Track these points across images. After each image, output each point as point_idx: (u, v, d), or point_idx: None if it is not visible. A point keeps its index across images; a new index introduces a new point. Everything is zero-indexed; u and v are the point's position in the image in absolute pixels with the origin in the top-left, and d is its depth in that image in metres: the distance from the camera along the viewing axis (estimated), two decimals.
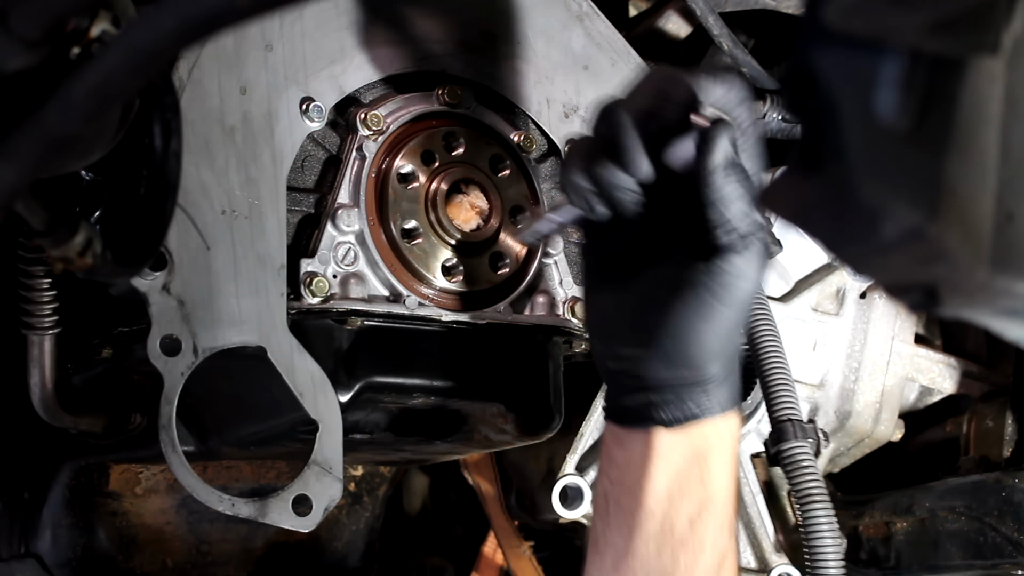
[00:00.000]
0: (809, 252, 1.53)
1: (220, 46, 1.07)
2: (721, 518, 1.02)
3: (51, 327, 1.16)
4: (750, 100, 0.97)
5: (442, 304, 1.20)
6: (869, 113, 0.59)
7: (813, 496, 1.17)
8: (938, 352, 1.67)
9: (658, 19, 1.58)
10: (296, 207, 1.16)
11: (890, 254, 0.62)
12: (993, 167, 0.59)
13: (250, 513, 1.07)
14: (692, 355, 0.98)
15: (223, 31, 0.64)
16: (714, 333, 0.98)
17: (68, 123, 0.68)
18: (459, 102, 1.23)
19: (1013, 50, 0.58)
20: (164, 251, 1.03)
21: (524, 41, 1.26)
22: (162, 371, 1.03)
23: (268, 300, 1.08)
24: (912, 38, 0.57)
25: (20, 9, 0.70)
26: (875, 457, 1.67)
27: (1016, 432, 1.56)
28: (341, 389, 1.12)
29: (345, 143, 1.18)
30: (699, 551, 1.01)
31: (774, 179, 0.75)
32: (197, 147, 1.05)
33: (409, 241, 1.18)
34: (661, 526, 1.02)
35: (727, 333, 0.99)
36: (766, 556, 1.50)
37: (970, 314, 0.65)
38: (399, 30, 1.20)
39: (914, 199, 0.59)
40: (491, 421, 1.28)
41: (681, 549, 1.01)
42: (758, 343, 1.24)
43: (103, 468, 1.56)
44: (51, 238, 0.81)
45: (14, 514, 1.55)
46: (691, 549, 1.01)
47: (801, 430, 1.20)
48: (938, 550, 1.48)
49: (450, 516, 2.17)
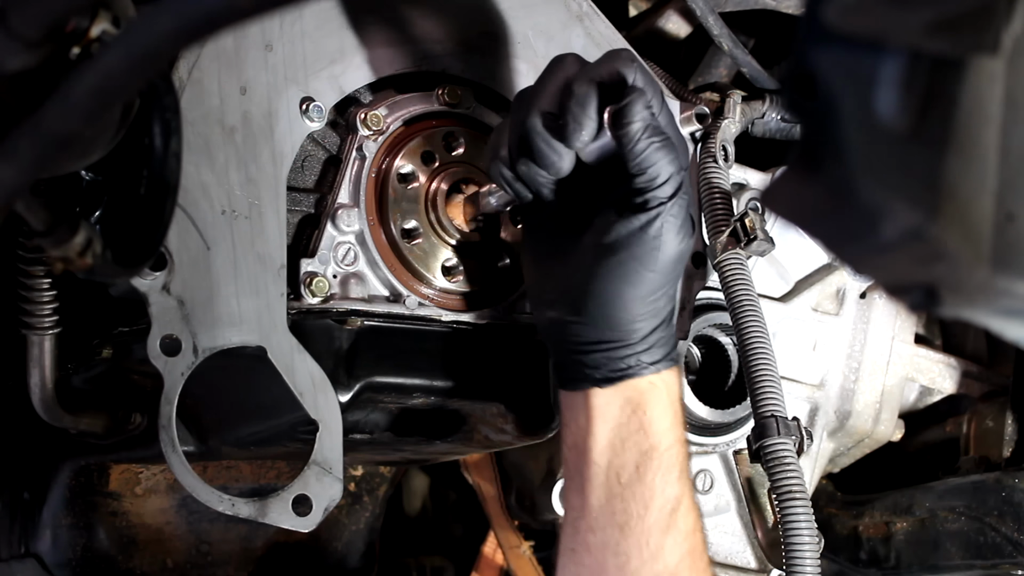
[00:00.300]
0: (809, 252, 1.53)
1: (220, 46, 1.07)
2: (668, 462, 1.07)
3: (51, 327, 1.16)
4: (646, 73, 1.04)
5: (442, 304, 1.20)
6: (869, 113, 0.59)
7: (792, 493, 1.17)
8: (938, 352, 1.67)
9: (658, 19, 1.58)
10: (296, 207, 1.16)
11: (890, 254, 0.62)
12: (993, 167, 0.59)
13: (250, 513, 1.07)
14: (617, 318, 1.05)
15: (223, 31, 0.64)
16: (638, 296, 1.05)
17: (68, 123, 0.68)
18: (459, 102, 1.23)
19: (1013, 50, 0.58)
20: (164, 251, 1.03)
21: (524, 41, 1.26)
22: (162, 371, 1.03)
23: (268, 300, 1.08)
24: (912, 38, 0.57)
25: (20, 9, 0.70)
26: (875, 457, 1.67)
27: (1016, 432, 1.56)
28: (341, 389, 1.12)
29: (345, 143, 1.18)
30: (649, 497, 1.05)
31: (774, 179, 0.75)
32: (197, 147, 1.05)
33: (409, 241, 1.18)
34: (607, 476, 1.07)
35: (651, 296, 1.05)
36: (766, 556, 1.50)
37: (970, 314, 0.65)
38: (399, 30, 1.20)
39: (914, 199, 0.59)
40: (491, 421, 1.28)
41: (631, 496, 1.06)
42: (745, 340, 1.24)
43: (103, 468, 1.56)
44: (51, 238, 0.81)
45: (14, 514, 1.55)
46: (640, 495, 1.06)
47: (784, 427, 1.20)
48: (938, 550, 1.49)
49: (450, 516, 2.18)
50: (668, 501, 1.06)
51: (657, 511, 1.06)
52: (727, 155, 1.37)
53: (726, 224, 1.31)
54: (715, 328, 1.47)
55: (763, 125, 1.50)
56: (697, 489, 1.50)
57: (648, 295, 1.05)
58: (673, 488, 1.06)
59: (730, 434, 1.48)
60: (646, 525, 1.05)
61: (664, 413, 1.08)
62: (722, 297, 1.39)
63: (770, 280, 1.52)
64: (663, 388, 1.08)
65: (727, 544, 1.52)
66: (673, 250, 1.05)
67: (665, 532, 1.05)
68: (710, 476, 1.51)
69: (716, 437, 1.48)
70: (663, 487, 1.06)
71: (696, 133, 1.37)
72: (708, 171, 1.35)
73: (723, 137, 1.37)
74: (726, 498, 1.52)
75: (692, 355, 1.52)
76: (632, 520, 1.05)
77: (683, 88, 1.47)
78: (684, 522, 1.07)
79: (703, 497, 1.50)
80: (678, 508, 1.06)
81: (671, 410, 1.09)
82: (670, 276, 1.06)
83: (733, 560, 1.51)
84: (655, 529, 1.05)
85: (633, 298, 1.05)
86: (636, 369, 1.07)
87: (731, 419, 1.45)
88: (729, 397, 1.47)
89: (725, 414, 1.45)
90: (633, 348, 1.07)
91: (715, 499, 1.51)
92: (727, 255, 1.29)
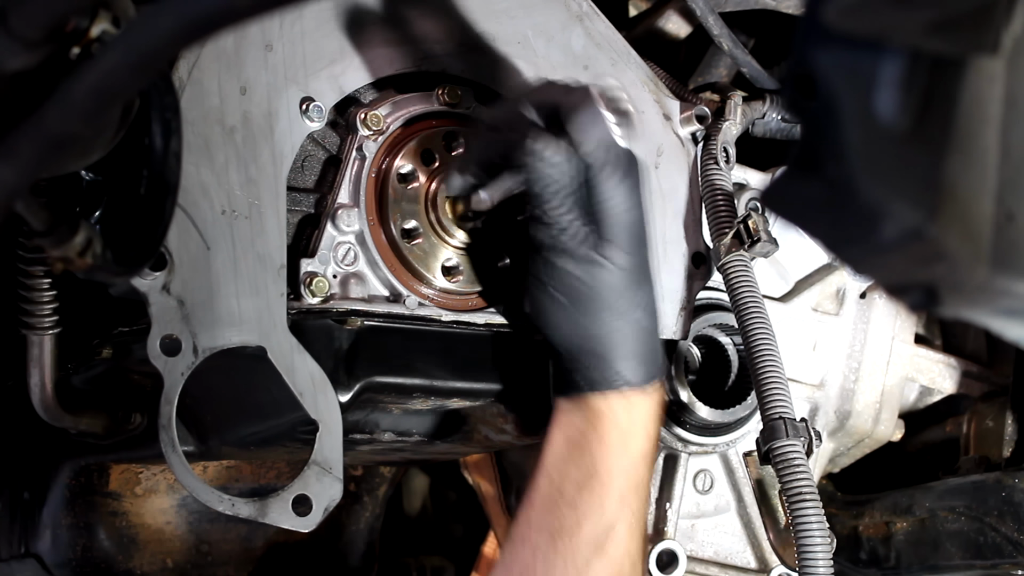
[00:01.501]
0: (809, 252, 1.53)
1: (220, 46, 1.07)
2: (606, 489, 1.09)
3: (51, 327, 1.16)
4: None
5: (442, 304, 1.20)
6: (869, 113, 0.59)
7: (803, 495, 1.17)
8: (938, 352, 1.67)
9: (658, 19, 1.58)
10: (296, 207, 1.16)
11: (890, 254, 0.62)
12: (993, 167, 0.59)
13: (250, 513, 1.07)
14: (570, 340, 1.11)
15: (223, 31, 0.64)
16: (591, 321, 1.10)
17: (68, 123, 0.68)
18: (459, 102, 1.23)
19: (1013, 50, 0.58)
20: (164, 251, 1.03)
21: (524, 41, 1.26)
22: (162, 371, 1.03)
23: (268, 300, 1.08)
24: (912, 38, 0.57)
25: (20, 9, 0.70)
26: (875, 457, 1.66)
27: (1016, 432, 1.56)
28: (341, 389, 1.12)
29: (345, 143, 1.18)
30: (583, 518, 1.08)
31: (774, 179, 0.75)
32: (197, 147, 1.05)
33: (409, 241, 1.18)
34: (550, 487, 1.10)
35: (604, 319, 1.10)
36: (766, 556, 1.50)
37: (970, 314, 0.65)
38: (399, 30, 1.19)
39: (914, 199, 0.59)
40: (491, 421, 1.28)
41: (568, 512, 1.09)
42: (751, 341, 1.24)
43: (103, 468, 1.56)
44: (51, 238, 0.81)
45: (14, 514, 1.55)
46: (575, 514, 1.08)
47: (792, 428, 1.20)
48: (938, 550, 1.48)
49: (450, 516, 2.17)
50: (598, 527, 1.08)
51: (589, 531, 1.08)
52: (728, 157, 1.37)
53: (729, 226, 1.31)
54: (715, 328, 1.47)
55: (763, 125, 1.50)
56: (697, 489, 1.50)
57: (598, 318, 1.09)
58: (607, 514, 1.09)
59: (730, 434, 1.48)
60: (577, 541, 1.07)
61: (614, 437, 1.10)
62: (721, 297, 1.39)
63: (770, 280, 1.52)
64: (622, 411, 1.11)
65: (727, 544, 1.51)
66: (617, 280, 1.09)
67: (596, 553, 1.08)
68: (710, 476, 1.51)
69: (716, 437, 1.47)
70: (599, 512, 1.08)
71: (697, 133, 1.37)
72: (710, 173, 1.35)
73: (724, 139, 1.37)
74: (726, 498, 1.51)
75: (692, 355, 1.51)
76: (564, 533, 1.08)
77: (683, 88, 1.47)
78: (615, 548, 1.09)
79: (703, 497, 1.50)
80: (609, 535, 1.08)
81: (623, 435, 1.11)
82: (612, 305, 1.10)
83: (733, 560, 1.51)
84: (585, 547, 1.07)
85: (585, 323, 1.10)
86: (592, 385, 1.10)
87: (731, 419, 1.45)
88: (729, 397, 1.47)
89: (725, 414, 1.44)
90: (587, 365, 1.11)
91: (715, 499, 1.51)
92: (731, 257, 1.29)
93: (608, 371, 1.10)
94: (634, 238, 1.11)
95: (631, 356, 1.11)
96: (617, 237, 1.09)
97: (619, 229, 1.09)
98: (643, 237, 1.13)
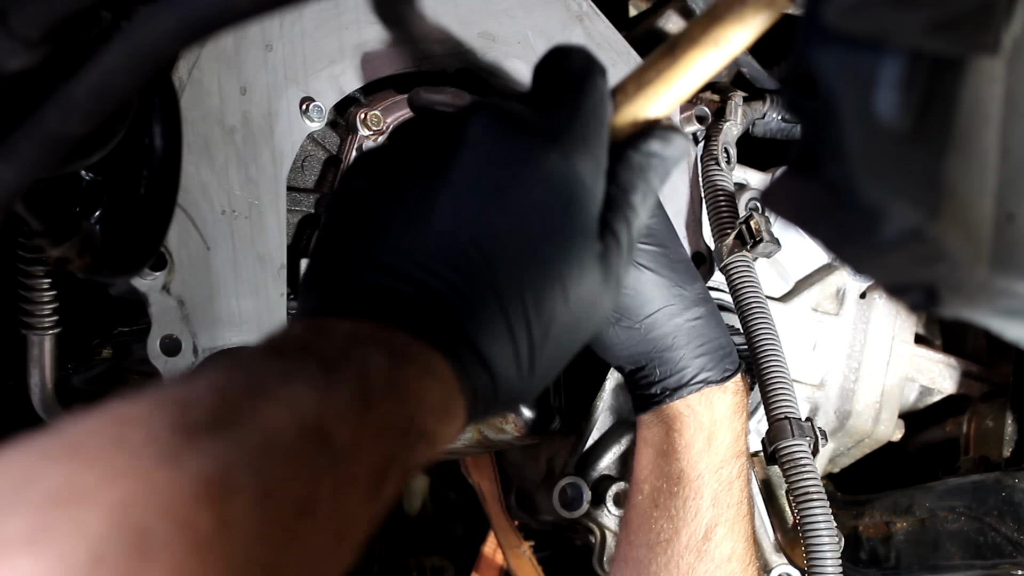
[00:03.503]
0: (809, 252, 1.53)
1: (220, 46, 1.07)
2: (697, 492, 1.08)
3: (51, 327, 1.16)
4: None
5: None
6: (869, 113, 0.59)
7: (811, 495, 1.17)
8: (938, 352, 1.67)
9: (658, 19, 1.58)
10: (296, 207, 1.16)
11: (890, 254, 0.62)
12: (993, 167, 0.59)
13: None
14: (635, 353, 1.08)
15: (223, 31, 0.64)
16: (649, 327, 1.06)
17: (68, 123, 0.68)
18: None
19: (1013, 50, 0.58)
20: (164, 251, 1.03)
21: (524, 41, 1.26)
22: (162, 371, 1.03)
23: (268, 300, 1.08)
24: (912, 38, 0.57)
25: (20, 9, 0.70)
26: (875, 457, 1.66)
27: (1016, 432, 1.56)
28: None
29: (345, 143, 1.18)
30: (679, 525, 1.07)
31: (774, 179, 0.75)
32: (197, 147, 1.05)
33: None
34: (643, 501, 1.10)
35: (661, 321, 1.06)
36: (766, 556, 1.50)
37: (970, 314, 0.65)
38: (399, 30, 1.19)
39: (914, 199, 0.59)
40: (491, 421, 1.28)
41: (664, 522, 1.08)
42: (755, 342, 1.24)
43: None
44: (51, 238, 0.81)
45: None
46: (670, 519, 1.07)
47: (799, 428, 1.20)
48: (938, 550, 1.48)
49: (450, 516, 2.17)
50: (699, 527, 1.06)
51: (687, 536, 1.06)
52: (729, 157, 1.37)
53: (731, 226, 1.31)
54: None
55: (764, 125, 1.50)
56: None
57: (650, 327, 1.06)
58: (705, 516, 1.07)
59: None
60: (676, 548, 1.06)
61: (699, 438, 1.08)
62: (723, 297, 1.39)
63: (770, 280, 1.52)
64: (703, 410, 1.08)
65: None
66: (651, 292, 1.06)
67: (698, 558, 1.06)
68: None
69: None
70: (694, 512, 1.07)
71: (697, 134, 1.37)
72: (711, 173, 1.35)
73: (725, 139, 1.37)
74: None
75: None
76: (662, 543, 1.06)
77: None
78: (718, 551, 1.07)
79: None
80: (710, 535, 1.07)
81: (708, 434, 1.09)
82: (665, 306, 1.06)
83: None
84: (686, 553, 1.06)
85: (633, 333, 1.06)
86: (661, 397, 1.08)
87: None
88: None
89: None
90: (654, 376, 1.08)
91: None
92: (734, 258, 1.29)
93: (681, 372, 1.08)
94: (669, 232, 1.08)
95: (702, 353, 1.09)
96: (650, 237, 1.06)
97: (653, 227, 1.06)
98: (675, 233, 1.10)
